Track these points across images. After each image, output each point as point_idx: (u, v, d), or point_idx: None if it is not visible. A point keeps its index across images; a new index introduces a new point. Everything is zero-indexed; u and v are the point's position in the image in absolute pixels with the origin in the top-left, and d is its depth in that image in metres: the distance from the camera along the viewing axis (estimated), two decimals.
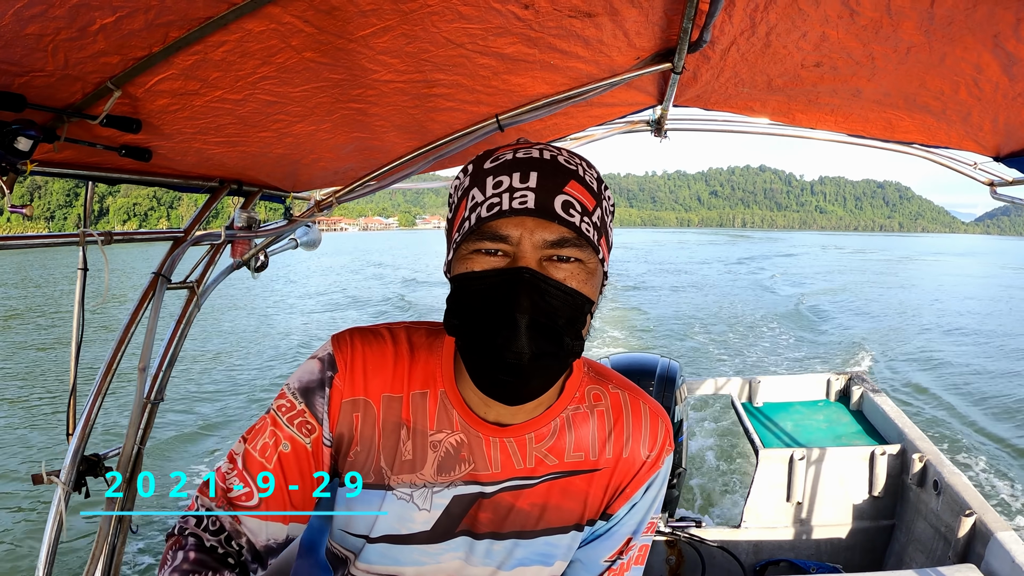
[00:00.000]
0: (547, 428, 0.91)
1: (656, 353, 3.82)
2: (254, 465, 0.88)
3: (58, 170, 1.30)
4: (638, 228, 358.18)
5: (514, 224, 0.76)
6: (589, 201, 0.79)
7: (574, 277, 0.78)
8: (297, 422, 0.88)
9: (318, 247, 2.65)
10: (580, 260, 0.78)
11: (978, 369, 12.48)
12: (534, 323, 0.75)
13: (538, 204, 0.75)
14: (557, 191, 0.77)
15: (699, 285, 28.16)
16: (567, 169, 0.79)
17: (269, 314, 18.86)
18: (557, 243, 0.76)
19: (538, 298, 0.75)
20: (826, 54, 1.14)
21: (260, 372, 11.59)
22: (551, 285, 0.76)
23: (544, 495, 0.92)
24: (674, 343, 14.06)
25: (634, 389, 0.99)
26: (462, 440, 0.89)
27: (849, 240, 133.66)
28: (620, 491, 0.95)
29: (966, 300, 25.14)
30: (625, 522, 0.97)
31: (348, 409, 0.89)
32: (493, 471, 0.90)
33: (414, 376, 0.90)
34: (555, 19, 1.01)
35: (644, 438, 0.95)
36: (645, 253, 55.80)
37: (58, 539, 1.38)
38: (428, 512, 0.90)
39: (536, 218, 0.76)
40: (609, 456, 0.94)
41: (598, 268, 0.81)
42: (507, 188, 0.76)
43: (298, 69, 1.06)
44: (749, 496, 3.19)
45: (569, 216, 0.76)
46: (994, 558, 2.29)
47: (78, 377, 1.50)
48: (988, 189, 2.23)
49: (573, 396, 0.93)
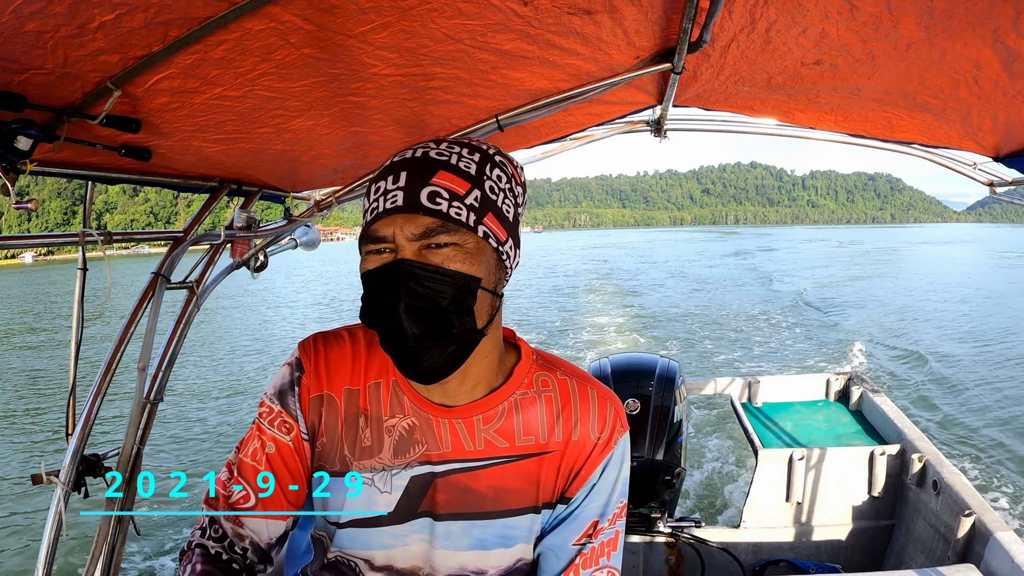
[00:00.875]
0: (495, 411, 0.97)
1: (656, 353, 3.82)
2: (247, 469, 0.97)
3: (58, 170, 1.30)
4: (631, 228, 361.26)
5: (387, 224, 0.85)
6: (461, 185, 0.86)
7: (452, 259, 0.84)
8: (277, 423, 0.97)
9: (318, 247, 2.65)
10: (455, 243, 0.84)
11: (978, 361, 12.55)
12: (411, 308, 0.82)
13: (405, 201, 0.83)
14: (423, 184, 0.84)
15: (683, 276, 28.70)
16: (436, 161, 0.87)
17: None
18: (425, 234, 0.84)
19: (414, 284, 0.82)
20: (826, 51, 1.14)
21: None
22: (427, 270, 0.83)
23: (498, 477, 0.97)
24: (673, 343, 14.07)
25: (582, 375, 1.04)
26: (414, 423, 0.96)
27: (838, 233, 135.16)
28: (575, 473, 0.99)
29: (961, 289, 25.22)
30: (587, 505, 1.01)
31: (315, 404, 0.98)
32: (444, 451, 0.96)
33: (370, 369, 0.99)
34: (554, 16, 1.02)
35: (593, 420, 0.99)
36: (637, 250, 56.92)
37: (58, 539, 1.37)
38: (389, 494, 0.97)
39: (404, 214, 0.83)
40: (559, 439, 0.99)
41: (481, 246, 0.87)
42: (383, 192, 0.86)
43: (297, 65, 1.06)
44: (749, 496, 3.18)
45: (435, 204, 0.83)
46: (994, 558, 2.29)
47: (78, 377, 1.50)
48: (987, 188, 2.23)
49: (521, 382, 0.99)
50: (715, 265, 38.54)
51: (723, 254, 51.38)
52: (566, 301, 21.66)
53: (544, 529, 1.03)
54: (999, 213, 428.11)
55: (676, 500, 3.18)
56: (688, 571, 3.06)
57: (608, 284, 27.73)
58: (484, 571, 1.00)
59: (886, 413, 3.41)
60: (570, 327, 16.14)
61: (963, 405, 9.68)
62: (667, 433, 2.93)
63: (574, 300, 22.04)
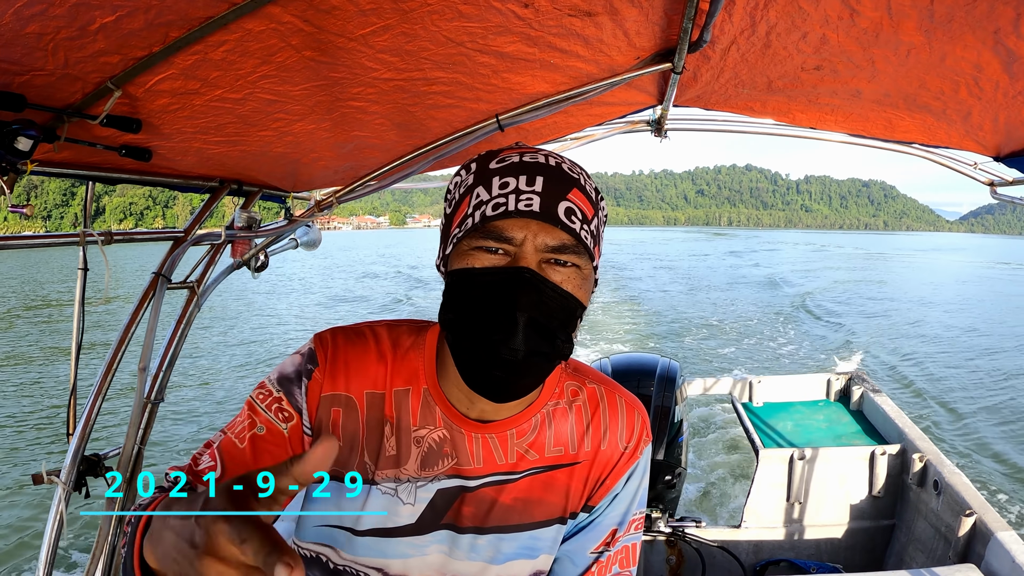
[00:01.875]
0: (528, 424, 0.93)
1: (656, 353, 3.82)
2: (225, 444, 0.88)
3: (58, 170, 1.30)
4: (625, 227, 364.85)
5: (519, 226, 0.78)
6: (589, 210, 0.82)
7: (570, 281, 0.80)
8: (274, 408, 0.89)
9: (318, 247, 2.65)
10: (577, 266, 0.81)
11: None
12: (532, 322, 0.77)
13: (543, 208, 0.78)
14: (561, 197, 0.79)
15: (671, 267, 29.39)
16: (571, 177, 0.82)
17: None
18: (558, 248, 0.79)
19: (537, 298, 0.77)
20: (826, 57, 1.14)
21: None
22: (549, 287, 0.78)
23: (526, 490, 0.94)
24: (671, 341, 14.07)
25: (609, 383, 1.02)
26: (445, 436, 0.92)
27: (830, 238, 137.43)
28: (600, 482, 0.98)
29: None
30: (608, 513, 0.99)
31: (327, 403, 0.91)
32: (475, 466, 0.92)
33: (396, 373, 0.93)
34: (555, 18, 1.01)
35: (621, 430, 0.98)
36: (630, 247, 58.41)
37: (58, 539, 1.38)
38: (412, 506, 0.92)
39: (540, 222, 0.78)
40: (588, 449, 0.96)
41: (591, 275, 0.85)
42: (513, 190, 0.79)
43: (298, 68, 1.06)
44: (749, 496, 3.19)
45: (571, 223, 0.79)
46: (994, 558, 2.29)
47: (78, 377, 1.50)
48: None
49: (552, 392, 0.96)
50: (712, 267, 39.20)
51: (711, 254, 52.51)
52: None
53: (564, 536, 1.00)
54: (991, 224, 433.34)
55: (677, 500, 3.18)
56: (688, 571, 3.06)
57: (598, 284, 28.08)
58: None
59: (887, 413, 3.41)
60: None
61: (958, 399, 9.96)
62: (668, 433, 2.93)
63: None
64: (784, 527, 3.20)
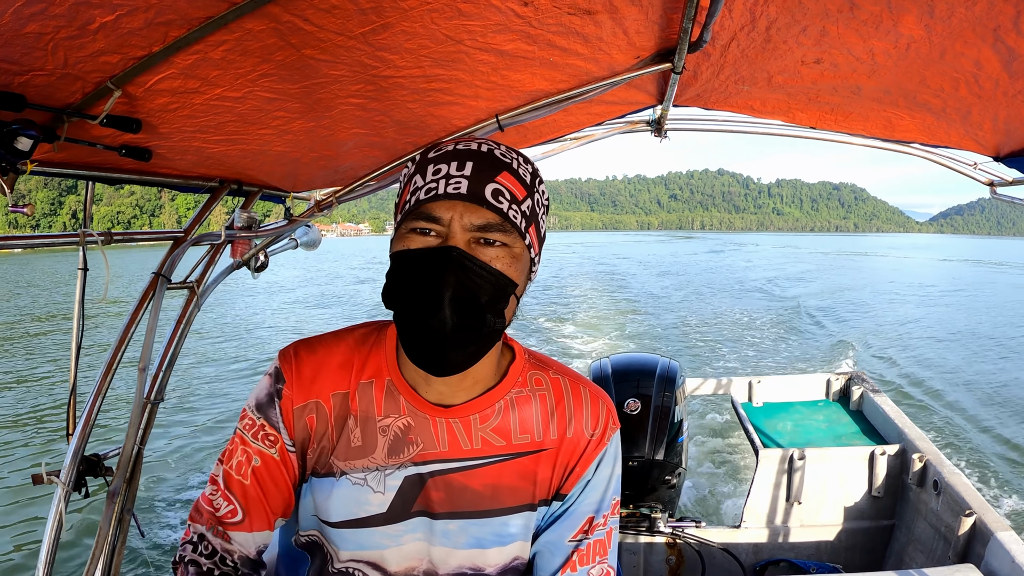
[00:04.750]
0: (491, 410, 0.97)
1: (656, 353, 3.82)
2: (233, 483, 0.96)
3: (58, 170, 1.30)
4: (599, 232, 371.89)
5: (447, 207, 0.84)
6: (519, 191, 0.87)
7: (499, 259, 0.85)
8: (260, 436, 0.96)
9: (318, 247, 2.65)
10: (506, 244, 0.86)
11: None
12: (456, 297, 0.82)
13: (470, 190, 0.83)
14: (489, 180, 0.85)
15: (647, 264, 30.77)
16: (502, 161, 0.88)
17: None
18: (484, 227, 0.84)
19: (462, 275, 0.82)
20: (826, 50, 1.14)
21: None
22: (476, 264, 0.83)
23: (495, 476, 0.97)
24: (671, 341, 14.09)
25: (573, 374, 1.05)
26: (409, 423, 0.95)
27: (801, 240, 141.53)
28: (570, 470, 1.00)
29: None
30: (581, 501, 1.02)
31: (300, 414, 0.96)
32: (441, 450, 0.96)
33: (360, 369, 0.97)
34: (554, 16, 1.02)
35: (586, 418, 1.01)
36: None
37: (58, 539, 1.37)
38: (383, 494, 0.96)
39: (466, 203, 0.84)
40: (554, 436, 0.99)
41: (524, 253, 0.89)
42: (444, 175, 0.85)
43: (298, 66, 1.06)
44: (749, 496, 3.18)
45: (498, 203, 0.84)
46: (994, 558, 2.29)
47: (78, 377, 1.50)
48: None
49: (516, 380, 0.99)
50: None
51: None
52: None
53: (540, 527, 1.03)
54: (960, 224, 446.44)
55: (676, 500, 3.18)
56: (688, 571, 3.06)
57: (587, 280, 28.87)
58: (482, 569, 1.00)
59: (886, 413, 3.41)
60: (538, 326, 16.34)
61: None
62: (667, 433, 2.93)
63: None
64: (784, 527, 3.19)
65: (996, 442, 8.03)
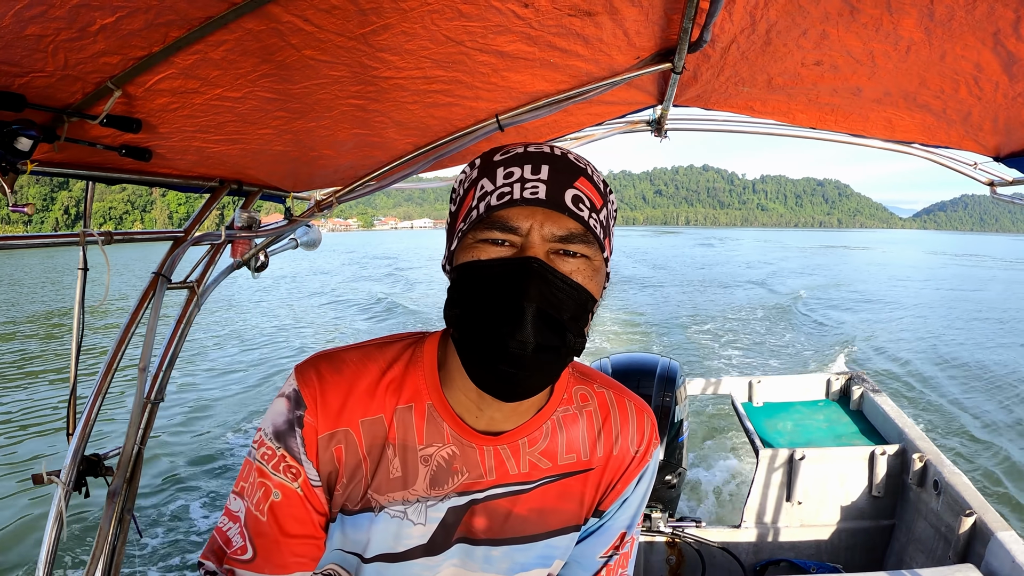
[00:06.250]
0: (539, 432, 0.90)
1: (656, 353, 3.82)
2: (251, 519, 0.86)
3: (58, 170, 1.30)
4: None
5: (525, 214, 0.75)
6: (597, 199, 0.79)
7: (580, 272, 0.77)
8: (281, 467, 0.85)
9: (318, 247, 2.65)
10: (587, 256, 0.77)
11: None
12: (540, 314, 0.73)
13: (549, 196, 0.74)
14: (568, 185, 0.76)
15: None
16: (577, 166, 0.79)
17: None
18: (566, 238, 0.76)
19: (546, 289, 0.73)
20: (826, 52, 1.14)
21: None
22: (558, 278, 0.74)
23: (541, 499, 0.91)
24: (672, 342, 14.10)
25: (618, 387, 0.99)
26: (454, 452, 0.87)
27: (786, 235, 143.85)
28: (611, 487, 0.96)
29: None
30: (618, 517, 0.98)
31: (326, 443, 0.85)
32: (488, 479, 0.88)
33: (395, 392, 0.87)
34: (555, 18, 1.01)
35: (632, 434, 0.96)
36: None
37: (58, 539, 1.37)
38: (424, 526, 0.88)
39: (547, 209, 0.75)
40: (600, 455, 0.94)
41: (602, 266, 0.81)
42: (519, 178, 0.76)
43: (298, 67, 1.06)
44: (749, 496, 3.19)
45: (579, 210, 0.75)
46: (994, 558, 2.29)
47: (78, 377, 1.50)
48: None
49: (562, 398, 0.93)
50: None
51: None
52: None
53: None
54: (943, 220, 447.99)
55: (676, 500, 3.18)
56: (688, 571, 3.06)
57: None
58: None
59: (886, 413, 3.41)
60: None
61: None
62: (668, 433, 2.94)
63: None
64: (784, 527, 3.20)
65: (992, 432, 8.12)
